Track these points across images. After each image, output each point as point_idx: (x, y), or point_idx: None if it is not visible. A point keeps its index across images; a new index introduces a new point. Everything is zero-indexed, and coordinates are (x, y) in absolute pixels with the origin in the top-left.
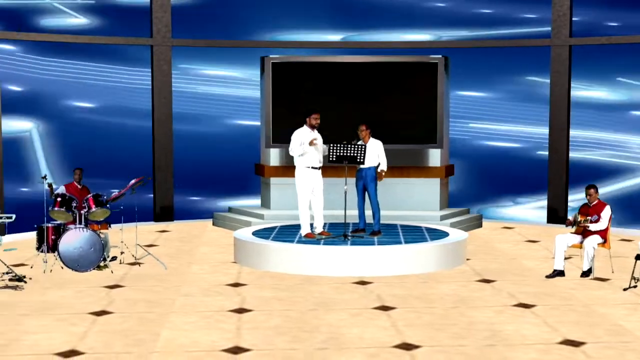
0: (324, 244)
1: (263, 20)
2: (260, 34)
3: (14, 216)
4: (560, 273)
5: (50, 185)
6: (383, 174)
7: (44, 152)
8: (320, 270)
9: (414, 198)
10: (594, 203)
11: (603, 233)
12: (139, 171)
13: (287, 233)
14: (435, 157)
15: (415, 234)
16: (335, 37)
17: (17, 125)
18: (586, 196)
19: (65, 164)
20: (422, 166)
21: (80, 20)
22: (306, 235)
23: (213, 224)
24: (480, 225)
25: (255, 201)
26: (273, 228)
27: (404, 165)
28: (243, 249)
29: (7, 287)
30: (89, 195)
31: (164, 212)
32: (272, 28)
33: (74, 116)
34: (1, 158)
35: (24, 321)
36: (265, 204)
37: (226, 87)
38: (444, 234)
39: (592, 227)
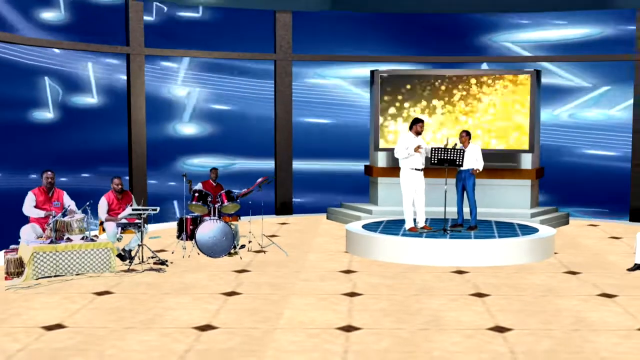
0: (425, 237)
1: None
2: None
3: (158, 208)
4: None
5: (190, 182)
6: (477, 172)
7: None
8: (422, 260)
9: (507, 197)
10: None
11: None
12: (265, 172)
13: (393, 227)
14: (527, 160)
15: (508, 229)
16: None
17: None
18: None
19: None
20: (515, 169)
21: None
22: (410, 229)
23: (327, 218)
24: (567, 223)
25: (364, 198)
26: (380, 222)
27: (500, 168)
28: (354, 240)
29: (151, 269)
30: (222, 192)
31: (283, 207)
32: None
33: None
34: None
35: (166, 299)
36: (373, 201)
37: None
38: (534, 230)
39: None
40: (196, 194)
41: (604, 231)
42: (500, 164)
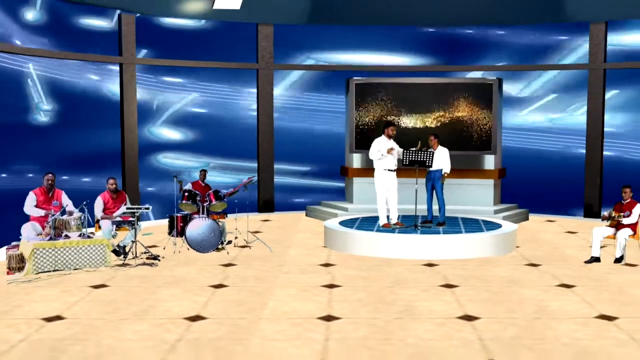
0: (398, 232)
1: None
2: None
3: (150, 207)
4: (597, 259)
5: (180, 182)
6: (446, 176)
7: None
8: (395, 254)
9: (472, 196)
10: (627, 201)
11: (634, 226)
12: (249, 172)
13: (368, 223)
14: (490, 162)
15: (473, 225)
16: (405, 60)
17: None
18: (622, 194)
19: None
20: (479, 169)
21: None
22: (383, 225)
23: (306, 215)
24: (527, 219)
25: (340, 197)
26: (356, 219)
27: (465, 168)
28: (332, 236)
29: (144, 264)
30: (210, 191)
31: (265, 205)
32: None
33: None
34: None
35: (158, 291)
36: (349, 199)
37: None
38: (498, 226)
39: (625, 221)
40: (186, 194)
41: (560, 226)
42: (466, 165)
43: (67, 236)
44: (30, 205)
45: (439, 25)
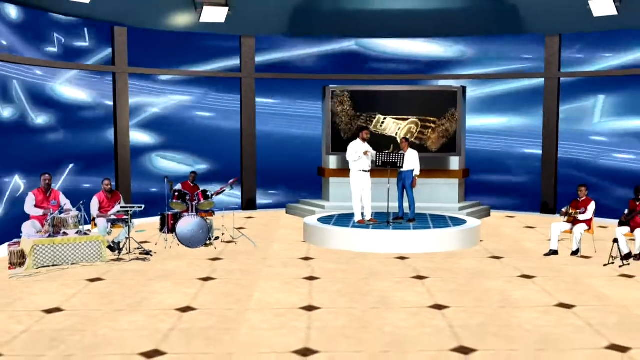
0: (372, 228)
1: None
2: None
3: (143, 206)
4: (555, 252)
5: (171, 183)
6: (417, 178)
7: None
8: (369, 248)
9: (439, 194)
10: (583, 199)
11: (588, 222)
12: (235, 174)
13: (344, 220)
14: (455, 162)
15: (441, 221)
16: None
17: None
18: (578, 192)
19: None
20: (445, 169)
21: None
22: (358, 222)
23: (286, 213)
24: (489, 215)
25: (318, 195)
26: (333, 216)
27: (432, 169)
28: (311, 232)
29: (137, 259)
30: (199, 191)
31: (249, 203)
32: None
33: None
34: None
35: (151, 284)
36: (325, 198)
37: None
38: (463, 222)
39: (580, 217)
40: (176, 193)
41: (519, 222)
42: (434, 166)
43: (65, 233)
44: (30, 205)
45: (407, 37)
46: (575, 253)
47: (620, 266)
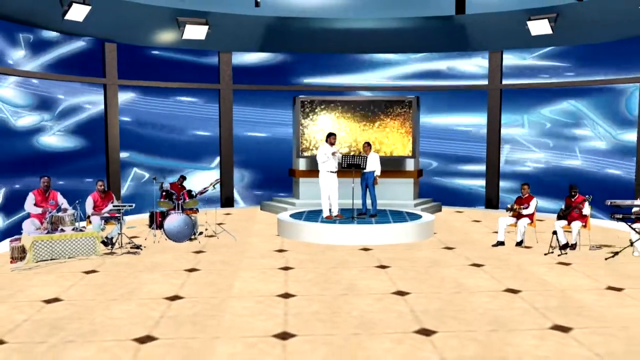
0: (338, 223)
1: (295, 71)
2: (292, 81)
3: (133, 205)
4: (502, 243)
5: (161, 184)
6: (378, 178)
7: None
8: (336, 240)
9: (397, 192)
10: (525, 196)
11: (531, 216)
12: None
13: (313, 215)
14: (410, 164)
15: (399, 216)
16: (341, 80)
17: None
18: (521, 190)
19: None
20: (402, 170)
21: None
22: (326, 217)
23: (261, 209)
24: (440, 210)
25: (289, 194)
26: (303, 212)
27: (391, 170)
28: (284, 227)
29: (129, 252)
30: (184, 191)
31: (227, 201)
32: (300, 76)
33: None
34: (119, 166)
35: (141, 276)
36: (296, 196)
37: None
38: (418, 216)
39: (524, 212)
40: (164, 193)
41: (467, 216)
42: (392, 167)
43: (62, 230)
44: (30, 204)
45: (367, 53)
46: (519, 244)
47: (558, 255)
